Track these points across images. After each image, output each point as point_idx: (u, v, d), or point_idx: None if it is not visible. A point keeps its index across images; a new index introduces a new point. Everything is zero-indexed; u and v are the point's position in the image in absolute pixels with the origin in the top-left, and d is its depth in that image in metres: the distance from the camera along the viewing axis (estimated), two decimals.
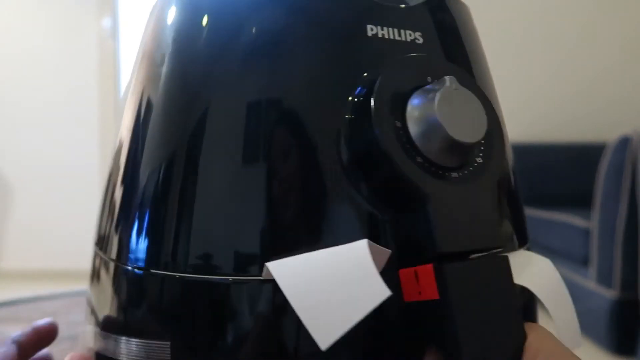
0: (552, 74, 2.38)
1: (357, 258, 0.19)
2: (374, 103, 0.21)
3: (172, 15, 0.26)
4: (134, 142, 0.27)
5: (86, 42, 2.46)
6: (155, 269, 0.23)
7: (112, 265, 0.26)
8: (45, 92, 2.49)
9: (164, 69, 0.25)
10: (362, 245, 0.19)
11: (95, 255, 0.29)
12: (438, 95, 0.20)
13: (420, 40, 0.24)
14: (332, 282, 0.18)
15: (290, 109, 0.23)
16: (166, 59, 0.26)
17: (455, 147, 0.20)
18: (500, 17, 2.36)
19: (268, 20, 0.24)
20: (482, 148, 0.22)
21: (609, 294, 1.49)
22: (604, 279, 1.52)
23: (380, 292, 0.17)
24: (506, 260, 0.21)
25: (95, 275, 0.29)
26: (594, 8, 2.36)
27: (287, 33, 0.23)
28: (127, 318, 0.25)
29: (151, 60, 0.27)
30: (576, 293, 1.66)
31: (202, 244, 0.22)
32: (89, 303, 0.29)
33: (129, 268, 0.25)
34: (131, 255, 0.25)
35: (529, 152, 2.25)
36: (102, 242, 0.28)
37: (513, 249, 0.26)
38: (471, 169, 0.21)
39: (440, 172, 0.21)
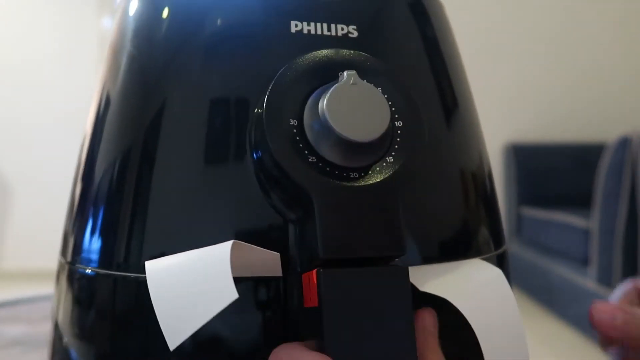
0: (553, 74, 2.37)
1: (217, 259, 0.17)
2: (266, 99, 0.20)
3: (132, 11, 0.26)
4: (91, 139, 0.26)
5: (86, 42, 2.46)
6: (109, 270, 0.22)
7: (66, 267, 0.25)
8: (45, 91, 2.49)
9: (122, 66, 0.25)
10: (225, 247, 0.18)
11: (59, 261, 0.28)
12: (330, 91, 0.19)
13: (354, 34, 0.23)
14: (190, 282, 0.18)
15: (215, 107, 0.22)
16: (124, 56, 0.25)
17: (347, 146, 0.19)
18: (501, 17, 2.36)
19: (198, 21, 0.23)
20: (397, 147, 0.20)
21: (609, 294, 1.49)
22: (604, 279, 1.52)
23: (229, 294, 0.16)
24: (403, 272, 0.19)
25: (56, 279, 0.28)
26: (595, 8, 2.36)
27: (216, 33, 0.23)
28: (81, 321, 0.24)
29: (112, 55, 0.27)
30: (576, 293, 1.66)
31: (156, 243, 0.21)
32: (52, 309, 0.28)
33: (82, 269, 0.24)
34: (84, 256, 0.24)
35: (529, 152, 2.25)
36: (62, 245, 0.27)
37: (454, 256, 0.24)
38: (377, 168, 0.20)
39: (337, 172, 0.19)
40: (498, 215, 0.28)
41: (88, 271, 0.23)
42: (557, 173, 2.17)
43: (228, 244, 0.18)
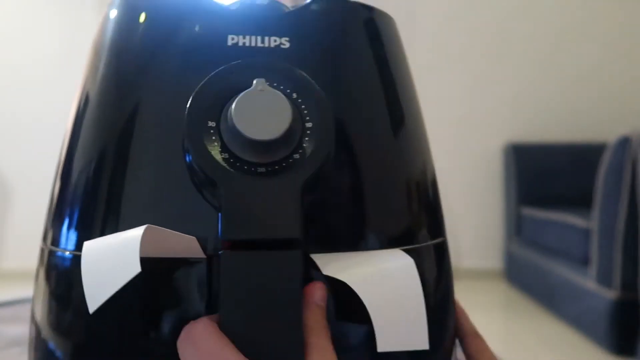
0: (553, 74, 2.37)
1: (129, 240, 0.21)
2: (189, 103, 0.23)
3: (113, 17, 0.29)
4: (71, 134, 0.29)
5: (86, 42, 2.45)
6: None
7: (46, 252, 0.28)
8: (45, 91, 2.49)
9: (100, 69, 0.29)
10: (138, 230, 0.21)
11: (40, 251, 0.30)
12: (239, 96, 0.22)
13: (287, 45, 0.26)
14: (107, 257, 0.21)
15: (162, 112, 0.26)
16: (102, 58, 0.29)
17: (252, 144, 0.22)
18: (501, 17, 2.36)
19: (151, 36, 0.27)
20: (304, 145, 0.23)
21: (609, 294, 1.49)
22: (604, 279, 1.52)
23: (134, 268, 0.20)
24: (295, 256, 0.22)
25: (38, 263, 0.30)
26: (596, 7, 2.36)
27: (164, 46, 0.26)
28: (59, 299, 0.27)
29: (93, 56, 0.30)
30: (576, 293, 1.66)
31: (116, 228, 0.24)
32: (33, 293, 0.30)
33: (61, 252, 0.27)
34: (62, 241, 0.27)
35: (529, 152, 2.25)
36: (43, 232, 0.30)
37: (372, 244, 0.26)
38: (284, 164, 0.22)
39: (246, 167, 0.22)
40: (436, 210, 0.31)
41: (66, 254, 0.26)
42: (557, 173, 2.17)
43: (142, 228, 0.21)
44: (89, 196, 0.26)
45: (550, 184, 2.17)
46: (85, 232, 0.26)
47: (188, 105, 0.23)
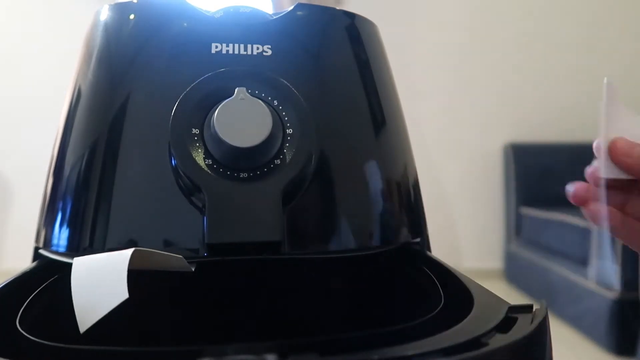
0: (553, 74, 2.38)
1: (117, 265, 0.21)
2: (174, 111, 0.23)
3: (102, 21, 0.30)
4: (62, 135, 0.30)
5: None
6: (76, 253, 0.25)
7: (36, 251, 0.28)
8: (45, 90, 2.49)
9: (91, 70, 0.29)
10: (126, 254, 0.21)
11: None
12: (220, 105, 0.23)
13: (269, 52, 0.27)
14: (97, 281, 0.21)
15: (149, 116, 0.26)
16: (90, 64, 0.30)
17: (233, 150, 0.22)
18: (501, 17, 2.36)
19: (141, 42, 0.27)
20: (285, 150, 0.23)
21: (609, 294, 1.49)
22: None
23: (122, 294, 0.20)
24: None
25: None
26: (594, 10, 2.36)
27: (152, 52, 0.27)
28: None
29: (83, 58, 0.31)
30: (576, 293, 1.66)
31: (120, 230, 0.25)
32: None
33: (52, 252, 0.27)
34: (54, 242, 0.27)
35: (529, 152, 2.25)
36: (36, 232, 0.30)
37: (348, 245, 0.26)
38: (265, 170, 0.23)
39: (229, 172, 0.23)
40: (418, 212, 0.31)
41: (58, 254, 0.27)
42: (557, 173, 2.17)
43: (129, 251, 0.21)
44: (80, 195, 0.26)
45: (550, 184, 2.17)
46: (76, 231, 0.26)
47: (172, 113, 0.23)
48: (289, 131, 0.24)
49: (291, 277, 0.28)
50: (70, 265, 0.24)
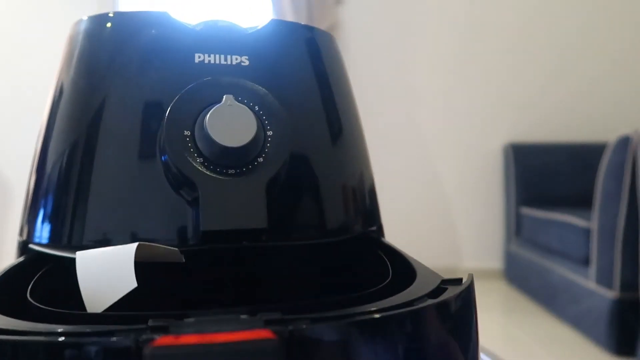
0: (553, 74, 2.37)
1: (124, 257, 0.24)
2: (167, 116, 0.26)
3: (83, 29, 0.33)
4: (45, 132, 0.32)
5: None
6: (56, 245, 0.28)
7: (22, 244, 0.31)
8: (45, 91, 2.49)
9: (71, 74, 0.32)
10: (131, 248, 0.24)
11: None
12: (211, 110, 0.25)
13: (246, 63, 0.30)
14: (105, 272, 0.24)
15: (135, 118, 0.28)
16: (73, 65, 0.32)
17: (223, 149, 0.25)
18: (501, 18, 2.36)
19: (125, 54, 0.30)
20: (267, 150, 0.27)
21: (609, 294, 1.49)
22: (604, 279, 1.52)
23: (130, 284, 0.23)
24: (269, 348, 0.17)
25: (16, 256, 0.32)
26: (594, 9, 2.36)
27: (139, 61, 0.29)
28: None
29: (64, 62, 0.34)
30: (576, 293, 1.66)
31: (96, 224, 0.27)
32: None
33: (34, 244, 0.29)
34: (36, 234, 0.29)
35: (528, 152, 2.25)
36: (20, 226, 0.32)
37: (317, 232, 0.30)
38: (250, 166, 0.26)
39: (218, 169, 0.26)
40: (373, 205, 0.35)
41: (40, 246, 0.29)
42: (557, 173, 2.17)
43: (134, 246, 0.24)
44: (61, 189, 0.29)
45: (550, 184, 2.17)
46: (57, 225, 0.28)
47: (166, 117, 0.26)
48: (269, 133, 0.27)
49: (268, 262, 0.32)
50: (59, 257, 0.28)
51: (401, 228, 2.43)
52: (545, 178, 2.18)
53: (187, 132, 0.26)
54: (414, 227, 2.39)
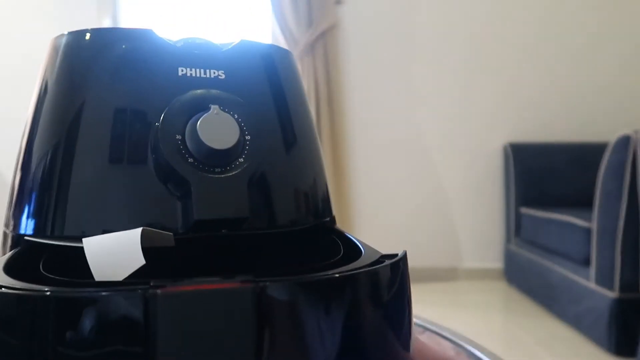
0: (553, 74, 2.38)
1: (132, 239, 0.28)
2: (161, 122, 0.31)
3: (64, 45, 0.37)
4: (29, 131, 0.36)
5: None
6: (41, 236, 0.32)
7: (9, 235, 0.34)
8: None
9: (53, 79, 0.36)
10: (137, 231, 0.28)
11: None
12: (201, 117, 0.30)
13: (223, 76, 0.35)
14: (117, 251, 0.28)
15: (125, 125, 0.32)
16: (55, 71, 0.36)
17: (211, 151, 0.30)
18: (501, 18, 2.36)
19: (109, 65, 0.34)
20: (246, 152, 0.32)
21: (609, 294, 1.49)
22: (605, 279, 1.52)
23: (139, 261, 0.27)
24: (245, 294, 0.23)
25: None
26: (596, 11, 2.36)
27: (126, 75, 0.33)
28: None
29: (47, 67, 0.37)
30: (576, 293, 1.66)
31: (75, 217, 0.31)
32: None
33: (19, 235, 0.33)
34: (21, 226, 0.33)
35: (528, 152, 2.25)
36: (5, 218, 0.35)
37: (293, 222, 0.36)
38: (233, 166, 0.31)
39: (207, 168, 0.30)
40: (327, 199, 0.40)
41: (25, 238, 0.32)
42: (557, 173, 2.17)
43: (139, 230, 0.28)
44: (44, 184, 0.33)
45: (550, 184, 2.17)
46: (41, 217, 0.32)
47: (161, 123, 0.31)
48: (248, 137, 0.32)
49: (246, 247, 0.37)
50: (56, 246, 0.31)
51: (401, 228, 2.43)
52: (545, 178, 2.18)
53: (178, 137, 0.31)
54: (414, 226, 2.39)
